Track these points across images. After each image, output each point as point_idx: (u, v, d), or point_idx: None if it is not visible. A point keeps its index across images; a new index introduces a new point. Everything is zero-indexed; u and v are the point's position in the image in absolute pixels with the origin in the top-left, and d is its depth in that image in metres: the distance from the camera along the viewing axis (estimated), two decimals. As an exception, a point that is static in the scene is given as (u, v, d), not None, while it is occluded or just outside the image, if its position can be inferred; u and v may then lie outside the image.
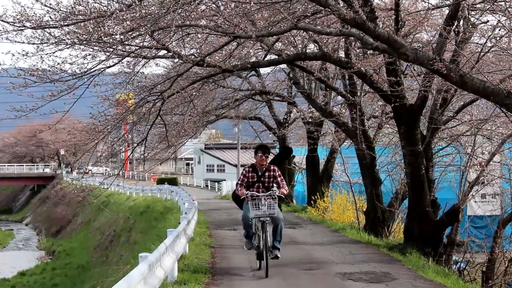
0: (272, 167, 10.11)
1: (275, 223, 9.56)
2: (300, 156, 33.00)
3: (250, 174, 9.99)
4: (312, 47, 19.46)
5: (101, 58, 15.65)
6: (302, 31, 16.06)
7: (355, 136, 21.14)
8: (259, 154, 10.05)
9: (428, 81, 16.45)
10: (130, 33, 14.20)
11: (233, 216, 25.47)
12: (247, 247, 10.30)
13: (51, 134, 59.65)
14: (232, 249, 16.40)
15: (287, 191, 10.12)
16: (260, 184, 9.98)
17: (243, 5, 12.81)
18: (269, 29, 14.34)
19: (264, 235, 9.54)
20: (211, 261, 13.91)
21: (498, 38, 16.83)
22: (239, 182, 10.04)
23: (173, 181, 50.14)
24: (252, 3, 12.27)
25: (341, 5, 13.10)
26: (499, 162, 22.07)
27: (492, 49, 16.96)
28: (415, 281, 11.60)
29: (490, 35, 16.70)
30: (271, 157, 14.37)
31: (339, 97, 23.75)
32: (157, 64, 20.97)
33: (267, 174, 9.98)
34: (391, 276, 10.70)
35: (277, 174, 9.99)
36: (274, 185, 10.03)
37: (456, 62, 14.39)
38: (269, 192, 9.72)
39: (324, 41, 18.15)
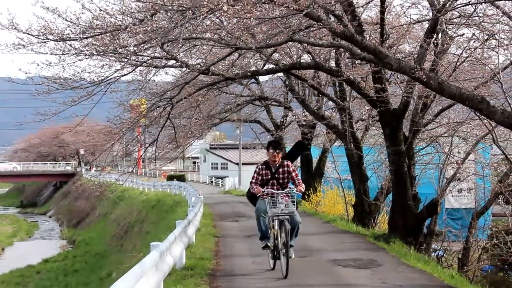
0: (286, 163, 9.07)
1: (294, 223, 8.59)
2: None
3: (263, 172, 8.98)
4: (306, 57, 19.44)
5: (116, 67, 15.61)
6: (297, 43, 16.18)
7: (345, 137, 21.31)
8: (271, 150, 9.01)
9: (410, 88, 16.62)
10: (142, 45, 14.27)
11: (236, 209, 26.15)
12: (262, 247, 9.29)
13: (71, 136, 60.53)
14: (234, 238, 16.44)
15: (304, 188, 9.17)
16: (275, 181, 8.95)
17: (244, 20, 12.56)
18: (267, 41, 14.34)
19: (283, 235, 8.50)
20: (216, 249, 13.92)
21: (472, 49, 17.10)
22: (253, 180, 8.97)
23: (181, 178, 50.92)
24: (252, 18, 11.91)
25: (332, 19, 13.12)
26: (473, 161, 22.33)
27: (467, 59, 17.11)
28: (398, 267, 11.54)
29: (466, 46, 16.92)
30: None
31: (330, 102, 24.06)
32: (166, 72, 20.69)
33: (281, 170, 8.96)
34: (376, 263, 10.76)
35: (291, 169, 9.01)
36: (291, 182, 9.07)
37: (435, 71, 14.63)
38: (286, 190, 8.72)
39: (317, 52, 18.24)
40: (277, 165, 8.85)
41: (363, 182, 20.49)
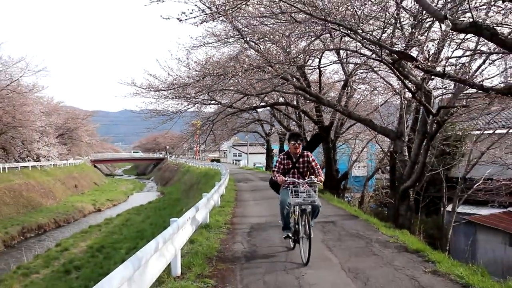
0: (305, 153, 7.19)
1: (315, 207, 6.67)
2: (276, 149, 37.00)
3: (285, 161, 7.13)
4: (281, 99, 20.80)
5: (185, 104, 18.16)
6: (277, 92, 17.93)
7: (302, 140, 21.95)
8: (292, 142, 7.11)
9: (334, 114, 18.31)
10: (198, 93, 16.67)
11: (246, 176, 27.55)
12: (284, 235, 7.34)
13: (163, 139, 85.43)
14: (245, 191, 18.63)
15: (323, 178, 7.22)
16: (295, 170, 7.09)
17: (250, 80, 14.31)
18: (262, 91, 16.42)
19: (305, 222, 6.62)
20: (235, 197, 16.07)
21: (365, 95, 19.23)
22: (276, 169, 7.18)
23: (218, 160, 67.25)
24: (254, 79, 14.27)
25: (294, 80, 15.05)
26: (366, 152, 23.75)
27: (363, 100, 19.24)
28: (328, 205, 12.78)
29: (361, 94, 19.27)
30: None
31: (294, 122, 24.78)
32: (210, 107, 21.43)
33: (301, 160, 7.09)
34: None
35: (311, 159, 7.13)
36: (311, 173, 7.13)
37: (347, 105, 16.77)
38: (308, 180, 6.82)
39: (287, 96, 19.71)
40: (298, 155, 7.10)
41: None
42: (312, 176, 6.88)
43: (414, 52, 8.77)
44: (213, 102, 18.28)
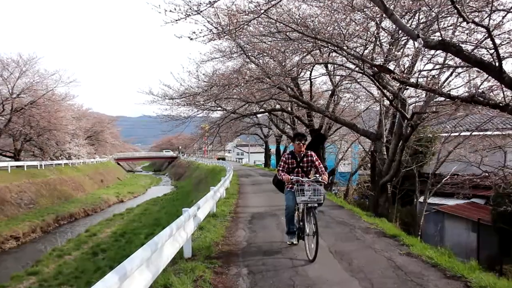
0: (309, 153, 6.42)
1: (319, 205, 5.96)
2: (273, 149, 37.33)
3: (290, 161, 6.35)
4: (277, 106, 20.76)
5: (194, 110, 18.37)
6: (274, 100, 17.99)
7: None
8: (297, 142, 6.38)
9: (323, 119, 18.45)
10: (206, 101, 16.90)
11: (247, 172, 27.59)
12: (288, 242, 6.65)
13: (176, 140, 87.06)
14: (247, 185, 18.73)
15: (327, 176, 6.27)
16: (299, 169, 6.34)
17: (250, 90, 14.52)
18: (261, 99, 16.33)
19: (313, 220, 5.79)
20: (238, 190, 16.06)
21: (350, 103, 19.34)
22: (280, 168, 6.41)
23: (223, 159, 65.65)
24: (254, 89, 14.37)
25: (289, 90, 15.18)
26: (350, 151, 23.94)
27: (348, 107, 19.35)
28: None
29: (346, 101, 19.29)
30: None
31: (288, 126, 24.89)
32: (217, 112, 21.05)
33: (305, 159, 6.34)
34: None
35: (314, 158, 6.39)
36: (315, 172, 6.32)
37: (334, 111, 16.70)
38: (313, 178, 6.04)
39: (283, 103, 19.67)
40: (302, 154, 6.35)
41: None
42: (317, 175, 6.10)
43: (391, 66, 8.80)
44: (219, 108, 18.41)
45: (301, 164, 6.41)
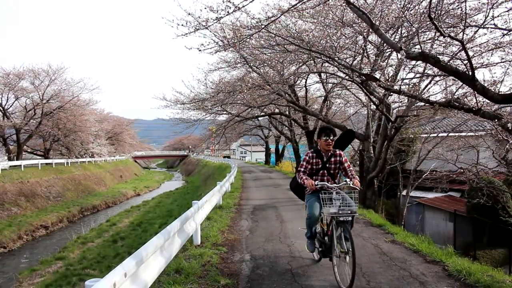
0: (338, 152, 4.42)
1: (353, 218, 4.08)
2: (272, 148, 36.79)
3: (314, 160, 4.38)
4: (276, 110, 20.72)
5: (203, 114, 18.03)
6: (273, 104, 17.85)
7: (291, 140, 22.87)
8: (324, 138, 4.34)
9: (317, 122, 18.23)
10: (213, 105, 16.78)
11: (250, 169, 27.00)
12: (310, 250, 4.64)
13: (186, 140, 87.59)
14: (249, 180, 18.83)
15: (359, 181, 4.24)
16: (325, 171, 4.37)
17: (252, 95, 14.38)
18: (262, 104, 16.30)
19: (347, 237, 3.80)
20: (241, 184, 16.18)
21: (341, 107, 19.30)
22: (302, 169, 4.43)
23: (228, 157, 65.57)
24: (256, 95, 14.15)
25: (286, 95, 15.28)
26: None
27: (339, 111, 19.48)
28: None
29: (338, 106, 19.26)
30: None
31: (286, 127, 24.75)
32: (222, 115, 20.78)
33: (332, 159, 4.36)
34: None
35: (343, 159, 4.41)
36: (344, 176, 4.42)
37: (327, 115, 16.87)
38: (343, 183, 4.18)
39: (281, 107, 19.51)
40: (329, 154, 4.39)
41: (299, 158, 21.93)
42: (347, 179, 4.21)
43: (377, 75, 8.66)
44: (224, 112, 18.33)
45: (327, 165, 4.44)
